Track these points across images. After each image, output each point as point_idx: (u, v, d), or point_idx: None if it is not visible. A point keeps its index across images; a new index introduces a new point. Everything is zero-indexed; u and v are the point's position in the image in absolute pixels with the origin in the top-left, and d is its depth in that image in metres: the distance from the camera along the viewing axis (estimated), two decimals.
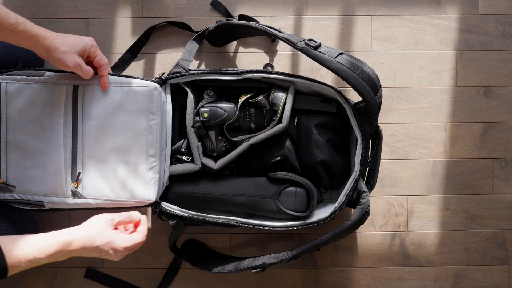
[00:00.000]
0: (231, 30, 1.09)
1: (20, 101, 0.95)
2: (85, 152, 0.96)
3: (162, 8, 1.18)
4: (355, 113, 0.97)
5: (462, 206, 1.18)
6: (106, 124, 0.96)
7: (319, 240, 0.94)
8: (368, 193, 0.95)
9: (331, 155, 1.01)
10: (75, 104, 0.96)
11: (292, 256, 0.95)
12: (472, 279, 1.18)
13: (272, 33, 0.96)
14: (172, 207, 0.99)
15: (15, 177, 0.96)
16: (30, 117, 0.95)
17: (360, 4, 1.19)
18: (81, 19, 1.17)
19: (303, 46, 0.92)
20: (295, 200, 0.99)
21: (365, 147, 0.97)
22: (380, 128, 0.97)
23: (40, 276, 1.16)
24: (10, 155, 0.95)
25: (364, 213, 0.92)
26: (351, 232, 0.96)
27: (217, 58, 1.18)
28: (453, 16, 1.19)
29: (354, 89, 0.90)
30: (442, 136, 1.19)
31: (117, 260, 0.84)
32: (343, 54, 0.92)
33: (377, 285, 1.18)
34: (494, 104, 1.19)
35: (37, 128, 0.95)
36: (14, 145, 0.95)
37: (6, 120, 0.95)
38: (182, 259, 1.11)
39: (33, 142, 0.96)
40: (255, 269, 0.97)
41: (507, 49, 1.19)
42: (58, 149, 0.96)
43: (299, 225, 0.97)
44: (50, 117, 0.95)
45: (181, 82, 1.01)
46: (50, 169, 0.96)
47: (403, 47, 1.19)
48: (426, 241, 1.18)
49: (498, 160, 1.19)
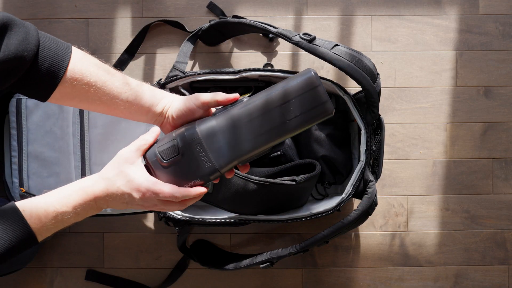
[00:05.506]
0: (225, 28, 1.09)
1: (38, 114, 1.02)
2: (92, 160, 1.02)
3: (162, 8, 1.18)
4: (355, 103, 0.97)
5: (462, 206, 1.18)
6: (109, 132, 1.01)
7: (327, 231, 0.93)
8: (375, 182, 0.95)
9: (332, 149, 1.02)
10: (82, 113, 1.02)
11: (300, 248, 0.95)
12: (472, 279, 1.18)
13: (266, 28, 0.96)
14: (175, 212, 0.99)
15: (35, 186, 1.02)
16: (45, 128, 1.01)
17: (360, 4, 1.19)
18: (81, 19, 1.17)
19: (298, 39, 0.92)
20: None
21: (369, 136, 0.97)
22: (382, 116, 0.97)
23: (40, 276, 1.16)
24: (31, 165, 1.02)
25: (371, 203, 0.92)
26: (359, 223, 0.95)
27: (216, 60, 1.18)
28: (453, 16, 1.19)
29: (352, 79, 0.90)
30: (442, 136, 1.19)
31: (145, 210, 0.71)
32: (339, 45, 0.92)
33: (377, 285, 1.18)
34: (494, 104, 1.19)
35: (52, 139, 1.02)
36: (33, 156, 1.02)
37: (27, 133, 1.02)
38: (192, 259, 1.11)
39: (48, 152, 1.02)
40: (264, 264, 0.97)
41: (507, 49, 1.19)
42: (69, 158, 1.02)
43: (305, 217, 0.96)
44: (61, 127, 1.01)
45: (180, 85, 1.02)
46: (63, 177, 1.02)
47: (403, 47, 1.19)
48: (426, 241, 1.18)
49: (498, 160, 1.19)
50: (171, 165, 0.62)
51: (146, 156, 0.64)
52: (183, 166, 0.62)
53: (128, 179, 0.62)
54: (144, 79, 1.16)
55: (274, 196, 0.98)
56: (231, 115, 0.62)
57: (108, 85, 0.66)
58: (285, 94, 0.60)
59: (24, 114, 1.02)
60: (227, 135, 0.61)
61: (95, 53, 1.17)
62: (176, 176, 0.63)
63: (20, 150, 1.02)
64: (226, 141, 0.61)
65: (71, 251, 1.16)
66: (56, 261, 1.16)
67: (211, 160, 0.61)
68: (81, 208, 0.62)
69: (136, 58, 1.18)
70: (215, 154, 0.61)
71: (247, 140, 0.61)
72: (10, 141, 1.03)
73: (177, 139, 0.62)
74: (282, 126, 0.61)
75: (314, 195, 1.12)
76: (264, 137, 0.61)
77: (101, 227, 1.17)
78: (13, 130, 1.02)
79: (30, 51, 0.60)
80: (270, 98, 0.61)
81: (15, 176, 1.03)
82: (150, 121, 0.70)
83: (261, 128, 0.61)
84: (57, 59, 0.63)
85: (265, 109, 0.61)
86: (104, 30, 1.18)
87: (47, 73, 0.62)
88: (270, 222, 0.98)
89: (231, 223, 0.99)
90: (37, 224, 0.60)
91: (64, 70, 0.62)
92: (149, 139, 0.65)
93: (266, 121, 0.61)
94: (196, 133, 0.61)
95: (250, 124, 0.61)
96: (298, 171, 1.02)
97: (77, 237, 1.16)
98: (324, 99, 0.60)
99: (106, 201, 0.63)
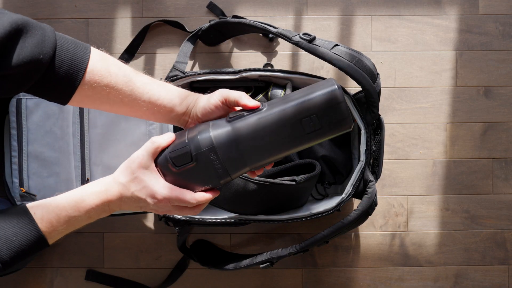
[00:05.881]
0: (224, 28, 1.09)
1: (38, 114, 1.02)
2: (92, 160, 1.02)
3: (162, 8, 1.18)
4: (355, 103, 0.97)
5: (462, 206, 1.18)
6: (109, 132, 1.01)
7: (327, 231, 0.93)
8: (375, 182, 0.95)
9: (332, 149, 1.02)
10: (82, 113, 1.02)
11: (300, 248, 0.95)
12: (472, 279, 1.18)
13: (266, 28, 0.96)
14: None
15: (35, 186, 1.02)
16: (45, 128, 1.01)
17: (360, 4, 1.19)
18: (81, 19, 1.17)
19: (298, 39, 0.92)
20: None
21: (369, 136, 0.97)
22: (382, 116, 0.97)
23: (40, 276, 1.16)
24: (31, 165, 1.02)
25: (371, 203, 0.92)
26: (359, 223, 0.95)
27: (216, 60, 1.18)
28: (453, 16, 1.19)
29: (352, 79, 0.90)
30: (442, 136, 1.19)
31: (160, 214, 0.70)
32: (339, 45, 0.92)
33: (377, 285, 1.18)
34: (494, 104, 1.19)
35: (52, 139, 1.02)
36: (33, 156, 1.02)
37: (27, 133, 1.02)
38: (192, 259, 1.11)
39: (48, 152, 1.02)
40: (264, 264, 0.97)
41: (507, 49, 1.19)
42: (69, 158, 1.02)
43: (305, 217, 0.96)
44: (61, 127, 1.01)
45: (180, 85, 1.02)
46: (63, 177, 1.02)
47: (403, 47, 1.19)
48: (426, 241, 1.18)
49: (498, 160, 1.19)
50: (183, 172, 0.61)
51: (158, 162, 0.62)
52: (195, 172, 0.61)
53: (143, 185, 0.61)
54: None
55: (274, 196, 0.98)
56: (248, 124, 0.60)
57: (129, 85, 0.64)
58: (307, 108, 0.58)
59: (24, 114, 1.02)
60: (243, 144, 0.60)
61: None
62: (188, 181, 0.61)
63: (20, 150, 1.02)
64: (241, 150, 0.60)
65: (71, 251, 1.16)
66: (56, 261, 1.16)
67: (225, 167, 0.60)
68: (94, 212, 0.62)
69: (136, 58, 1.18)
70: (229, 161, 0.60)
71: (262, 150, 0.60)
72: (10, 141, 1.03)
73: (190, 146, 0.60)
74: (300, 138, 0.59)
75: (314, 195, 1.12)
76: (280, 148, 0.60)
77: (101, 227, 1.17)
78: (13, 130, 1.02)
79: (46, 54, 0.59)
80: (291, 111, 0.59)
81: (15, 176, 1.03)
82: (174, 121, 0.68)
83: (278, 140, 0.59)
84: (75, 61, 0.61)
85: (283, 122, 0.59)
86: (104, 30, 1.18)
87: (66, 76, 0.61)
88: (270, 222, 0.98)
89: (231, 223, 0.99)
90: (48, 228, 0.59)
91: (83, 72, 0.61)
92: (162, 143, 0.62)
93: (283, 132, 0.59)
94: (211, 140, 0.59)
95: (267, 135, 0.59)
96: (298, 171, 1.02)
97: (77, 237, 1.16)
98: (345, 115, 0.58)
99: (119, 205, 0.63)
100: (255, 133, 0.59)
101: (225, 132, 0.60)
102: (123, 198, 0.62)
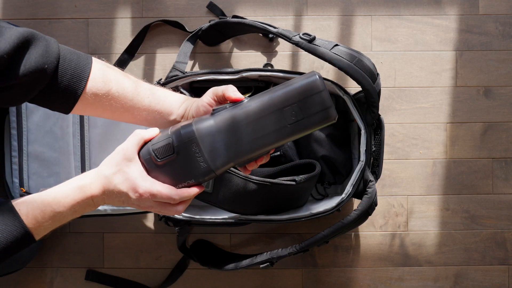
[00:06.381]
0: (224, 28, 1.09)
1: (38, 114, 1.02)
2: (92, 160, 1.02)
3: (162, 8, 1.18)
4: (355, 103, 0.97)
5: (462, 206, 1.18)
6: (109, 132, 1.01)
7: (327, 231, 0.93)
8: (375, 182, 0.95)
9: (332, 149, 1.02)
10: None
11: (300, 248, 0.95)
12: (472, 279, 1.18)
13: (266, 28, 0.96)
14: None
15: (35, 186, 1.02)
16: (45, 128, 1.01)
17: (360, 4, 1.19)
18: (81, 19, 1.17)
19: (298, 39, 0.92)
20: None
21: (369, 136, 0.97)
22: (382, 116, 0.97)
23: (40, 276, 1.16)
24: (31, 165, 1.02)
25: (371, 203, 0.92)
26: (359, 223, 0.95)
27: (216, 60, 1.18)
28: (453, 16, 1.19)
29: (352, 79, 0.90)
30: (442, 136, 1.19)
31: (141, 210, 0.70)
32: (339, 45, 0.92)
33: (377, 285, 1.18)
34: (494, 104, 1.19)
35: (52, 139, 1.02)
36: (33, 156, 1.02)
37: (27, 132, 1.02)
38: (192, 259, 1.11)
39: (48, 152, 1.02)
40: (264, 264, 0.97)
41: (507, 49, 1.19)
42: (69, 158, 1.02)
43: (305, 217, 0.96)
44: (61, 127, 1.01)
45: (179, 85, 1.02)
46: (63, 177, 1.02)
47: (403, 47, 1.19)
48: (426, 241, 1.18)
49: (498, 160, 1.19)
50: (166, 164, 0.60)
51: (140, 154, 0.61)
52: (178, 165, 0.60)
53: (126, 177, 0.61)
54: (144, 79, 1.16)
55: (274, 196, 0.98)
56: (230, 116, 0.60)
57: (130, 91, 0.67)
58: (287, 97, 0.58)
59: (24, 114, 1.02)
60: (225, 136, 0.59)
61: (95, 53, 1.17)
62: (170, 175, 0.61)
63: (20, 150, 1.02)
64: (223, 142, 0.59)
65: (71, 251, 1.16)
66: (56, 261, 1.16)
67: (207, 160, 0.60)
68: (78, 206, 0.62)
69: (136, 58, 1.18)
70: (211, 155, 0.59)
71: (245, 142, 0.59)
72: (11, 141, 1.03)
73: (173, 137, 0.60)
74: (282, 130, 0.59)
75: (314, 195, 1.12)
76: (262, 140, 0.59)
77: (101, 227, 1.17)
78: (13, 130, 1.02)
79: (50, 64, 0.61)
80: (272, 101, 0.59)
81: (15, 176, 1.03)
82: (173, 125, 0.69)
83: (260, 131, 0.59)
84: (77, 71, 0.64)
85: (265, 112, 0.59)
86: (104, 30, 1.18)
87: (68, 85, 0.63)
88: (270, 222, 0.98)
89: (231, 223, 0.99)
90: (34, 224, 0.60)
91: (85, 81, 0.64)
92: (145, 135, 0.63)
93: (265, 124, 0.59)
94: (193, 132, 0.59)
95: (249, 126, 0.59)
96: (298, 171, 1.02)
97: (77, 237, 1.16)
98: (328, 104, 0.58)
99: (103, 199, 0.63)
100: (237, 123, 0.59)
101: (207, 124, 0.60)
102: (105, 191, 0.62)
